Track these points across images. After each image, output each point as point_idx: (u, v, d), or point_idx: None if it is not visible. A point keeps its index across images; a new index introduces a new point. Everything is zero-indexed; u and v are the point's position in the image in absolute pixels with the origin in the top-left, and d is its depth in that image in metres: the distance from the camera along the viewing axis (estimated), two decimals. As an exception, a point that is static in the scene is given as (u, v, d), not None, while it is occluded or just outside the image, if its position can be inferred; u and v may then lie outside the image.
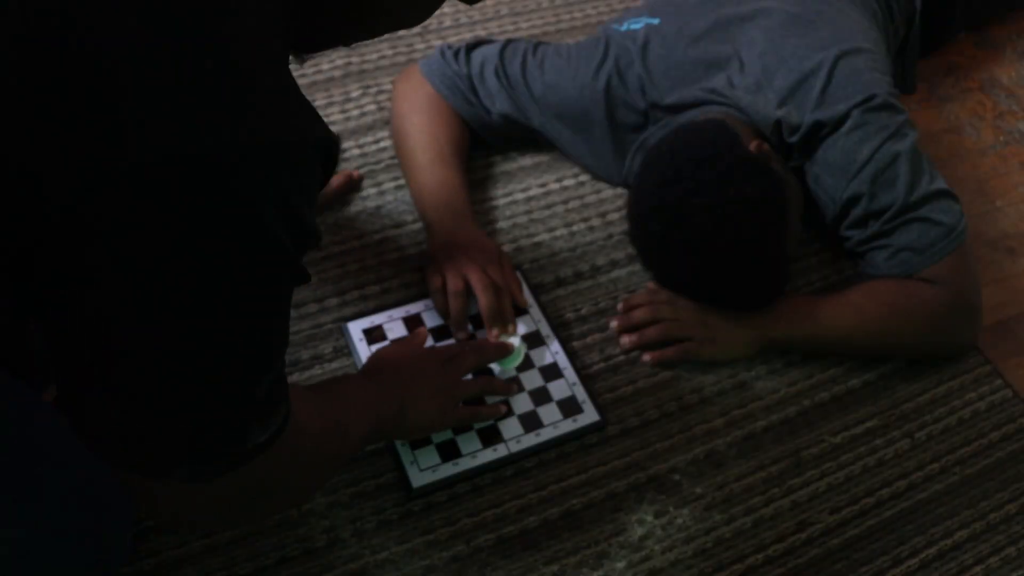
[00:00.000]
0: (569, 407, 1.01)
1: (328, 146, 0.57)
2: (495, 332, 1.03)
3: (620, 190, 1.23)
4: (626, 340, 1.07)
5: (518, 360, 1.03)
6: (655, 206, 1.00)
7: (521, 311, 1.08)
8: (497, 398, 0.99)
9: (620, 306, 1.10)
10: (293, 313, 1.06)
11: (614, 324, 1.08)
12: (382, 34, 0.67)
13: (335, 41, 0.65)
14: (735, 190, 0.97)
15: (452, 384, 0.94)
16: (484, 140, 1.23)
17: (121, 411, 0.56)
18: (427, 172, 1.13)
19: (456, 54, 1.20)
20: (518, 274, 1.11)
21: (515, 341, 1.03)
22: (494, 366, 1.02)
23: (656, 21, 1.16)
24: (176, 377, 0.55)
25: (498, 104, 1.17)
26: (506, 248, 1.15)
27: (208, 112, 0.49)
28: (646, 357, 1.06)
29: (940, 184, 1.05)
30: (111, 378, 0.55)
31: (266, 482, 0.66)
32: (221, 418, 0.59)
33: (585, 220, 1.20)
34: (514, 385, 1.01)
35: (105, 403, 0.56)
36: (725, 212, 0.96)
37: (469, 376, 0.98)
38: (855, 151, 1.03)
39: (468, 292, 1.04)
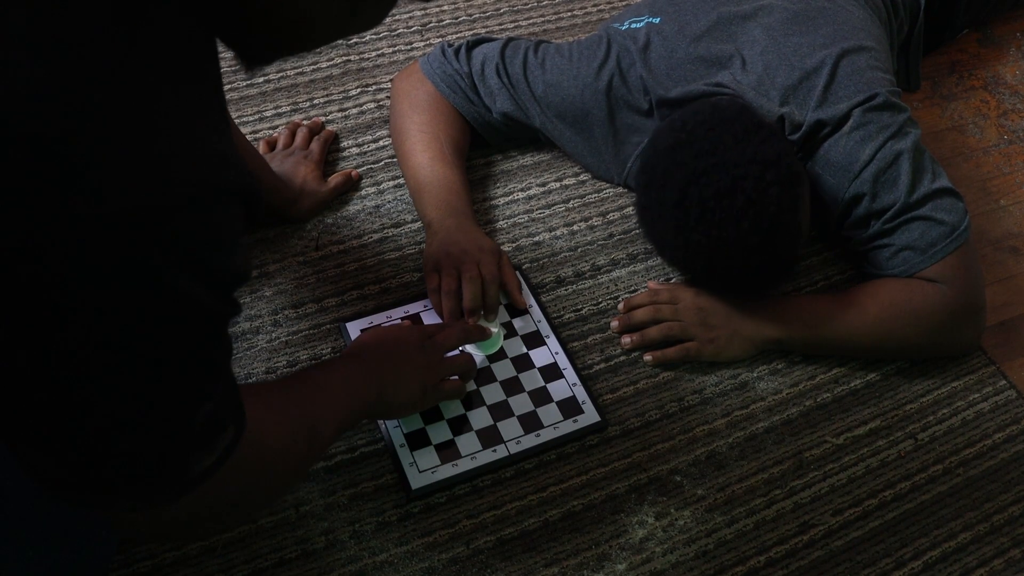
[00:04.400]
0: (569, 408, 1.00)
1: (242, 188, 0.56)
2: (472, 320, 1.02)
3: (622, 189, 1.22)
4: (627, 340, 1.06)
5: (495, 347, 1.03)
6: (670, 168, 0.97)
7: (520, 311, 1.07)
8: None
9: (621, 306, 1.09)
10: (293, 313, 1.06)
11: (615, 324, 1.08)
12: (324, 45, 0.66)
13: (278, 54, 0.64)
14: (753, 150, 0.94)
15: (433, 362, 0.94)
16: (484, 139, 1.22)
17: (57, 448, 0.56)
18: (427, 170, 1.12)
19: (457, 52, 1.19)
20: (518, 275, 1.10)
21: (493, 328, 1.03)
22: (473, 350, 1.02)
23: (657, 20, 1.16)
24: (104, 418, 0.55)
25: (499, 103, 1.17)
26: (506, 248, 1.15)
27: (101, 173, 0.48)
28: (647, 357, 1.05)
29: (943, 182, 1.04)
30: (44, 417, 0.55)
31: (225, 498, 0.66)
32: (156, 453, 0.58)
33: (586, 219, 1.19)
34: (475, 368, 1.01)
35: (41, 439, 0.56)
36: (743, 172, 0.93)
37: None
38: (857, 151, 1.02)
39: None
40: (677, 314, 1.06)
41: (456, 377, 0.97)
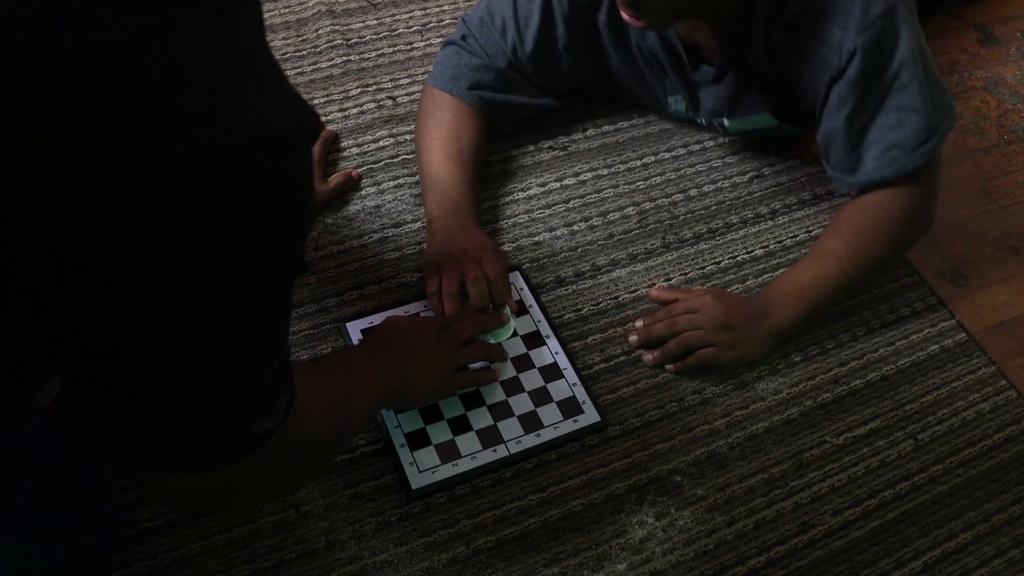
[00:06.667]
0: (569, 408, 1.00)
1: (315, 128, 0.57)
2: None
3: (622, 189, 1.22)
4: (648, 357, 1.05)
5: (508, 334, 1.04)
6: None
7: (520, 311, 1.07)
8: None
9: (638, 323, 1.07)
10: (292, 313, 1.06)
11: (633, 339, 1.07)
12: None
13: None
14: None
15: (451, 352, 0.95)
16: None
17: (126, 413, 0.57)
18: (437, 168, 1.13)
19: (448, 44, 1.20)
20: (517, 274, 1.10)
21: (507, 313, 1.05)
22: (485, 338, 1.03)
23: None
24: (178, 375, 0.55)
25: (510, 37, 1.15)
26: (506, 248, 1.15)
27: (192, 114, 0.48)
28: (668, 367, 1.05)
29: (936, 74, 1.04)
30: (116, 382, 0.55)
31: (271, 468, 0.67)
32: (225, 411, 0.59)
33: (586, 219, 1.19)
34: (506, 351, 1.03)
35: (110, 406, 0.56)
36: None
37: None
38: (867, 5, 1.00)
39: (464, 294, 1.03)
40: (694, 323, 1.04)
41: (470, 367, 0.98)
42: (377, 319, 1.05)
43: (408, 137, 1.25)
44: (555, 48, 1.18)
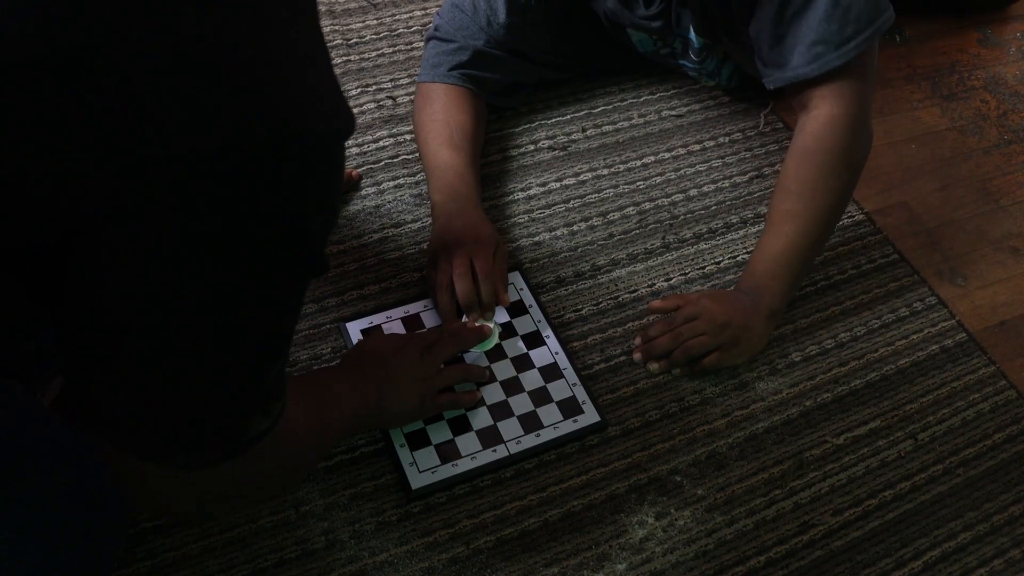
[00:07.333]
0: (569, 408, 1.00)
1: (352, 128, 0.57)
2: (472, 317, 1.03)
3: (622, 189, 1.22)
4: (655, 366, 1.05)
5: (491, 344, 1.03)
6: None
7: (520, 311, 1.07)
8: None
9: (637, 340, 1.07)
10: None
11: (637, 356, 1.06)
12: None
13: None
14: None
15: (431, 374, 0.94)
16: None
17: (130, 395, 0.57)
18: (434, 156, 1.13)
19: (427, 40, 1.22)
20: (517, 274, 1.11)
21: (490, 325, 1.03)
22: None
23: None
24: (189, 364, 0.55)
25: (482, 11, 1.17)
26: (506, 248, 1.15)
27: (239, 103, 0.48)
28: (675, 371, 1.05)
29: None
30: (125, 363, 0.55)
31: (255, 473, 0.67)
32: (227, 406, 0.59)
33: (586, 219, 1.19)
34: (488, 371, 1.01)
35: (115, 387, 0.56)
36: None
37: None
38: None
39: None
40: (696, 330, 1.03)
41: (454, 390, 0.98)
42: (377, 319, 1.05)
43: (408, 137, 1.25)
44: (527, 8, 1.19)
